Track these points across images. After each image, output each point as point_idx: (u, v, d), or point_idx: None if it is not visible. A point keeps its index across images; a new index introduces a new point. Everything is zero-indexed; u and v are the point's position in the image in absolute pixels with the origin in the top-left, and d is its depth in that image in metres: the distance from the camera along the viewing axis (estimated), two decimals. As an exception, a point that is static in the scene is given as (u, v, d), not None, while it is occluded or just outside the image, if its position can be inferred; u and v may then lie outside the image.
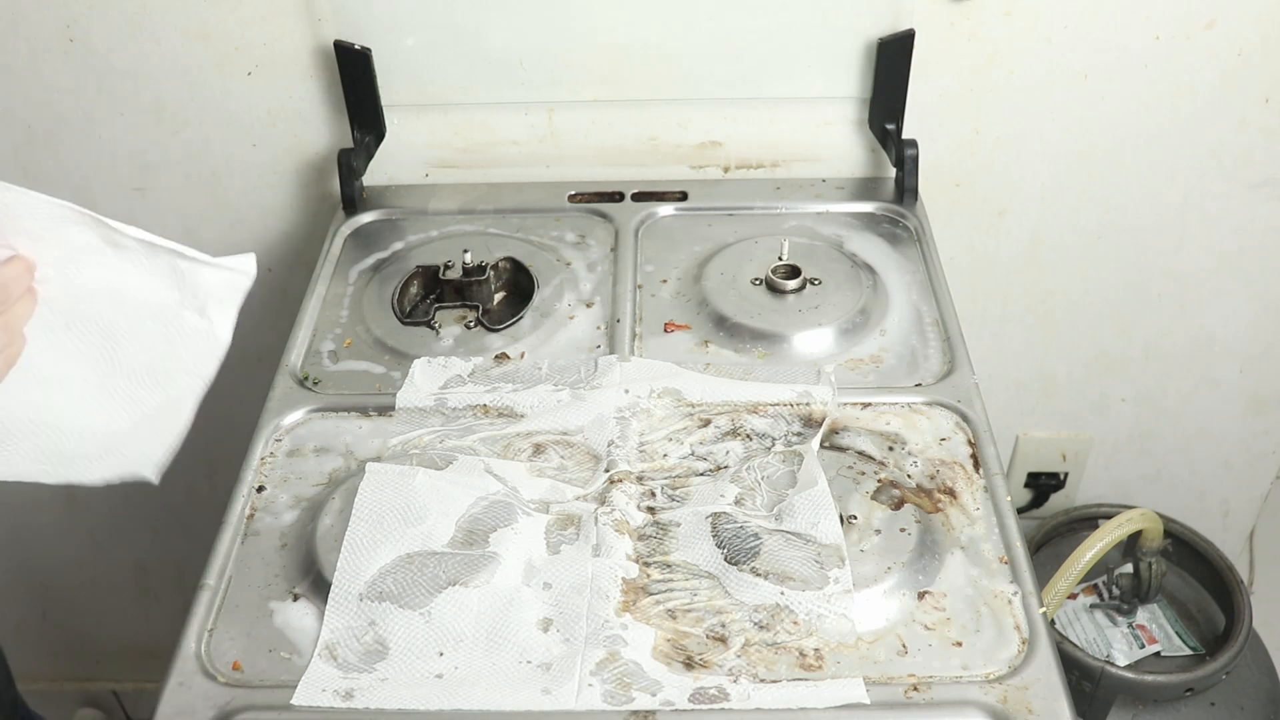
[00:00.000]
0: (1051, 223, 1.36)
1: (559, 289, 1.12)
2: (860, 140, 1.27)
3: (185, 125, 1.28)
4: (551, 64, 1.22)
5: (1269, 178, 1.32)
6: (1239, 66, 1.23)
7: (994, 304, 1.43)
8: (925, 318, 1.07)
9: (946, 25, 1.20)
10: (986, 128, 1.28)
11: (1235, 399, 1.52)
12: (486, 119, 1.27)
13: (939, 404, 0.97)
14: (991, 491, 0.88)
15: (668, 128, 1.27)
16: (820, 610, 0.78)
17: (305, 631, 0.79)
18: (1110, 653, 1.36)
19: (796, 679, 0.74)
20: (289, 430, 0.97)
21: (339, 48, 1.19)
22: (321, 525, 0.85)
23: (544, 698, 0.74)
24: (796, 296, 1.08)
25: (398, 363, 1.03)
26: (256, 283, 0.88)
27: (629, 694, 0.74)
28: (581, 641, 0.77)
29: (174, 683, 0.76)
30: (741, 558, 0.81)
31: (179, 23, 1.20)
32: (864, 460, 0.91)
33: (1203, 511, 1.63)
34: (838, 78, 1.22)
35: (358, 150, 1.23)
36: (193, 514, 1.60)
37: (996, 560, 0.83)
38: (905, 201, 1.22)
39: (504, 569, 0.81)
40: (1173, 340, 1.46)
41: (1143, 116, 1.27)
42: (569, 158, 1.29)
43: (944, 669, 0.75)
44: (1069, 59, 1.23)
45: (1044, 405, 1.53)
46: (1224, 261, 1.39)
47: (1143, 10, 1.19)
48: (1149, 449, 1.58)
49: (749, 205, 1.24)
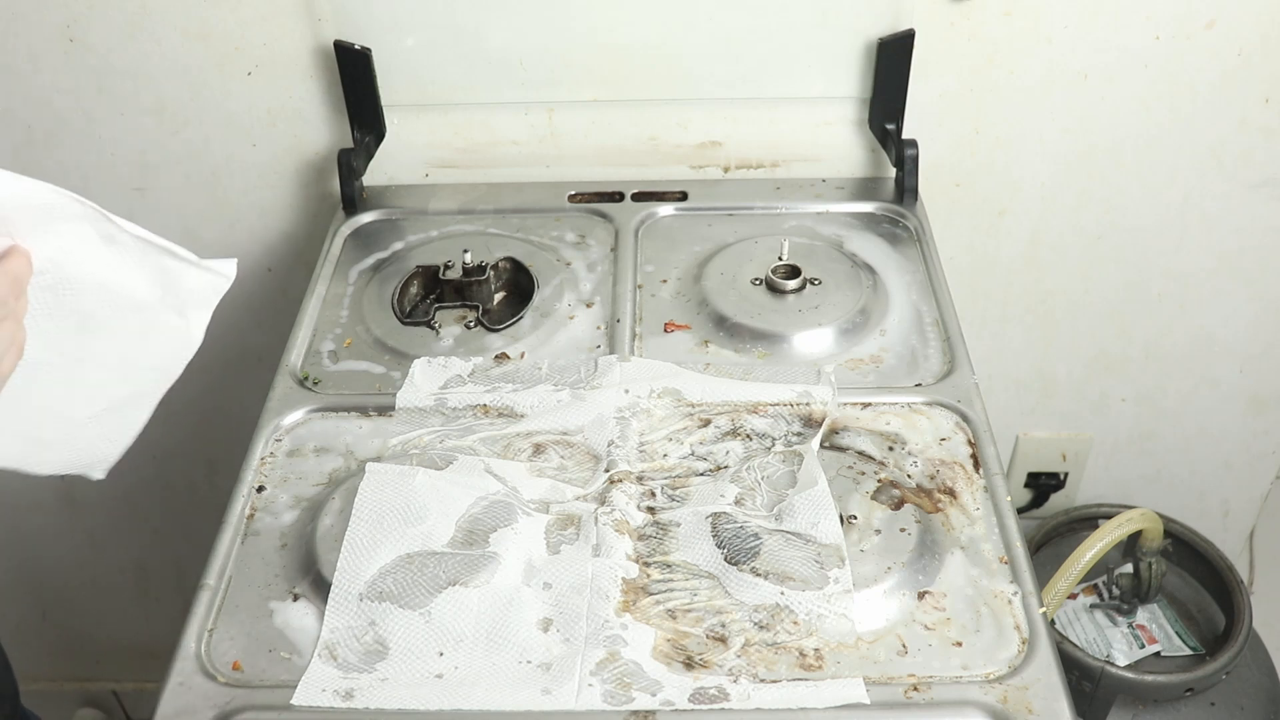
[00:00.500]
0: (1051, 223, 1.36)
1: (559, 289, 1.12)
2: (860, 140, 1.27)
3: (185, 125, 1.28)
4: (551, 64, 1.22)
5: (1269, 178, 1.32)
6: (1239, 66, 1.23)
7: (994, 304, 1.43)
8: (925, 318, 1.07)
9: (946, 25, 1.20)
10: (986, 128, 1.28)
11: (1235, 399, 1.52)
12: (486, 119, 1.27)
13: (939, 404, 0.97)
14: (991, 491, 0.88)
15: (668, 128, 1.27)
16: (820, 610, 0.78)
17: (305, 631, 0.79)
18: (1110, 653, 1.36)
19: (796, 679, 0.74)
20: (289, 430, 0.97)
21: (339, 48, 1.19)
22: (321, 525, 0.85)
23: (544, 698, 0.74)
24: (796, 296, 1.08)
25: (398, 363, 1.03)
26: (256, 283, 0.88)
27: (629, 694, 0.74)
28: (581, 641, 0.77)
29: (174, 683, 0.76)
30: (741, 558, 0.81)
31: (179, 23, 1.20)
32: (864, 460, 0.91)
33: (1203, 511, 1.63)
34: (838, 78, 1.22)
35: (358, 150, 1.23)
36: (193, 514, 1.60)
37: (996, 560, 0.83)
38: (905, 201, 1.22)
39: (504, 569, 0.81)
40: (1173, 340, 1.46)
41: (1143, 116, 1.27)
42: (569, 158, 1.29)
43: (944, 669, 0.75)
44: (1069, 59, 1.23)
45: (1044, 405, 1.53)
46: (1224, 261, 1.39)
47: (1143, 10, 1.19)
48: (1149, 449, 1.58)
49: (749, 205, 1.24)
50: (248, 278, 1.36)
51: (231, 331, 1.36)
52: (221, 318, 0.81)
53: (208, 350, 0.81)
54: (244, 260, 1.35)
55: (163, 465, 1.55)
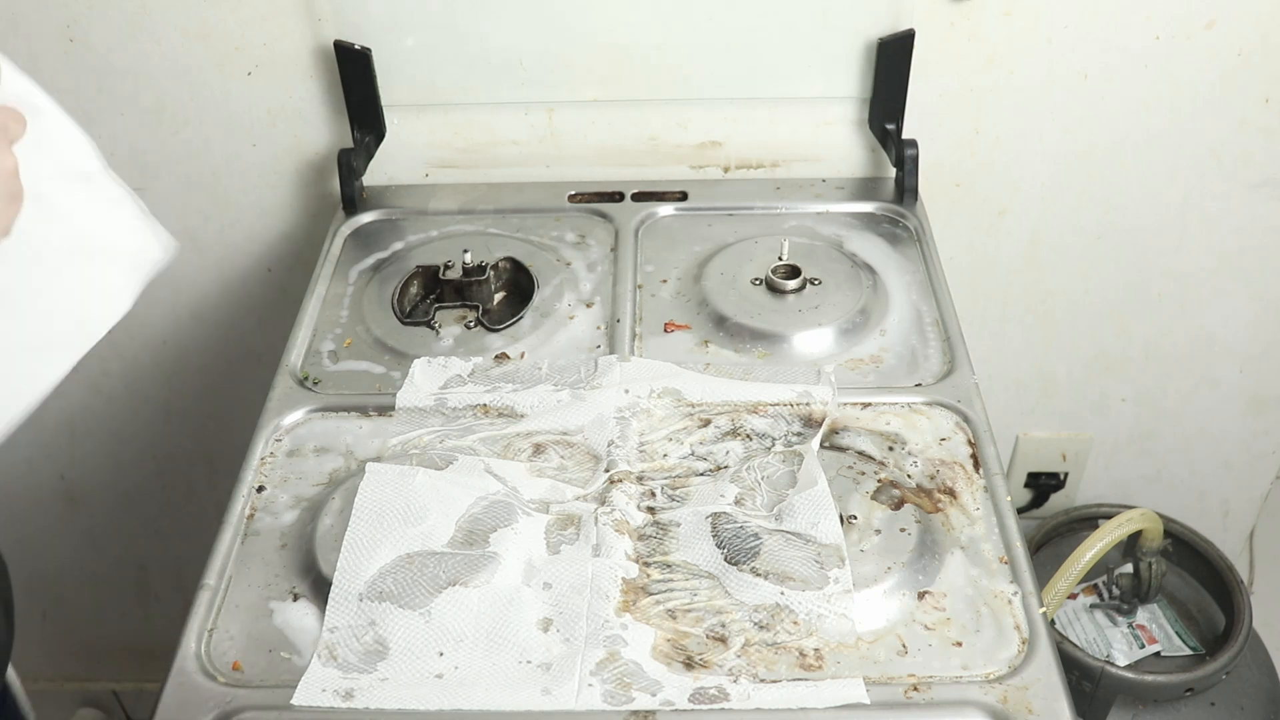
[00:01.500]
0: (1051, 223, 1.36)
1: (559, 289, 1.12)
2: (860, 140, 1.27)
3: (185, 125, 1.27)
4: (551, 64, 1.22)
5: (1269, 178, 1.32)
6: (1239, 66, 1.23)
7: (994, 304, 1.43)
8: (925, 318, 1.07)
9: (946, 25, 1.20)
10: (986, 128, 1.28)
11: (1235, 399, 1.52)
12: (486, 119, 1.27)
13: (939, 404, 0.97)
14: (991, 491, 0.88)
15: (668, 128, 1.27)
16: (820, 610, 0.78)
17: (305, 631, 0.79)
18: (1110, 653, 1.36)
19: (796, 679, 0.74)
20: (289, 430, 0.97)
21: (339, 48, 1.19)
22: (321, 525, 0.85)
23: (544, 698, 0.74)
24: (796, 296, 1.08)
25: (398, 362, 1.03)
26: (256, 283, 0.88)
27: (629, 694, 0.74)
28: (581, 641, 0.77)
29: (174, 683, 0.76)
30: (741, 558, 0.81)
31: (179, 23, 1.20)
32: (864, 460, 0.91)
33: (1203, 511, 1.63)
34: (838, 78, 1.22)
35: (358, 150, 1.23)
36: (193, 514, 1.60)
37: (996, 560, 0.83)
38: (905, 201, 1.22)
39: (504, 569, 0.81)
40: (1173, 340, 1.46)
41: (1143, 116, 1.27)
42: (569, 158, 1.29)
43: (944, 669, 0.75)
44: (1069, 59, 1.23)
45: (1044, 405, 1.53)
46: (1224, 261, 1.39)
47: (1143, 10, 1.19)
48: (1149, 449, 1.58)
49: (749, 205, 1.24)
50: (248, 278, 1.36)
51: (231, 332, 1.36)
52: (222, 318, 0.81)
53: (208, 350, 0.81)
54: (244, 260, 1.36)
55: (163, 465, 1.55)
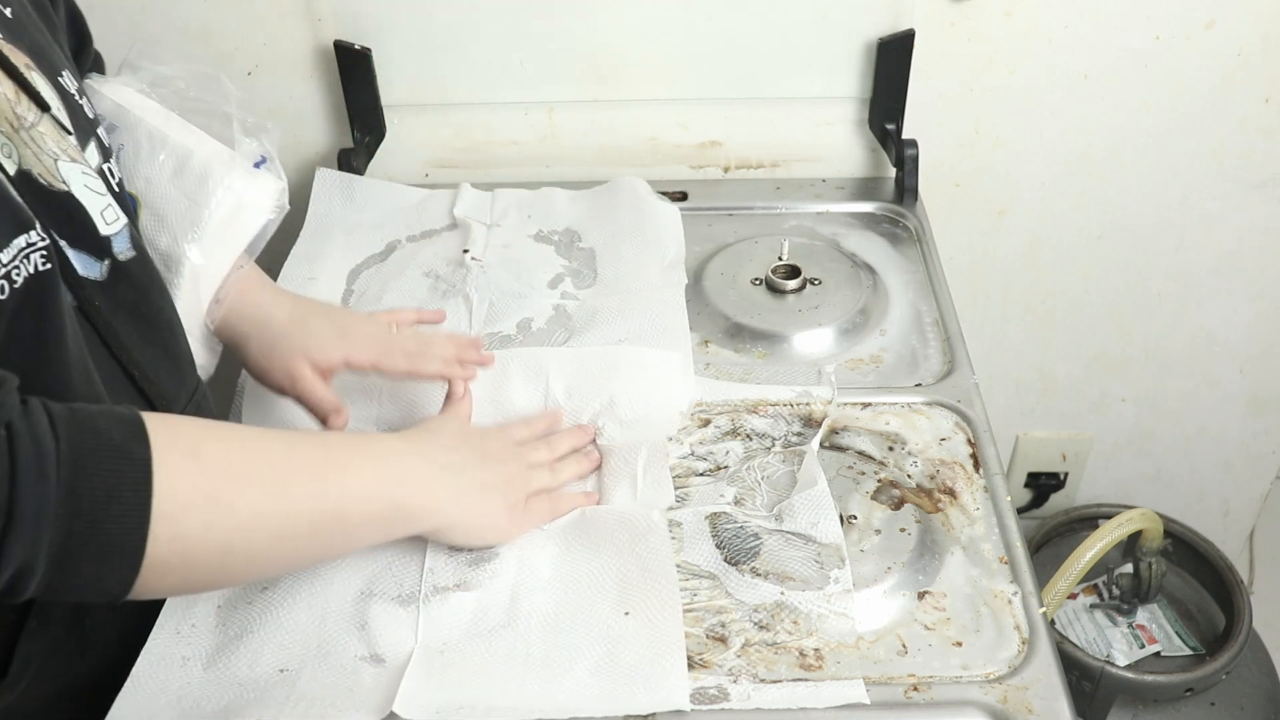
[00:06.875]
0: (1051, 223, 1.36)
1: (559, 289, 1.11)
2: (860, 140, 1.27)
3: (185, 125, 1.27)
4: (551, 64, 1.22)
5: (1269, 178, 1.32)
6: (1239, 66, 1.23)
7: (994, 304, 1.43)
8: (925, 318, 1.07)
9: (946, 25, 1.20)
10: (986, 128, 1.28)
11: (1235, 399, 1.52)
12: (486, 119, 1.27)
13: (939, 404, 0.97)
14: (991, 491, 0.88)
15: (668, 128, 1.27)
16: (820, 610, 0.78)
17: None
18: (1110, 653, 1.36)
19: (796, 679, 0.74)
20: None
21: (339, 48, 1.20)
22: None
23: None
24: (796, 296, 1.08)
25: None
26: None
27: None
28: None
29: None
30: (741, 558, 0.81)
31: (179, 23, 1.20)
32: (864, 460, 0.91)
33: (1203, 511, 1.64)
34: (838, 78, 1.22)
35: (358, 150, 1.23)
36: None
37: (996, 560, 0.83)
38: (905, 201, 1.22)
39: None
40: (1173, 340, 1.46)
41: (1143, 116, 1.27)
42: (569, 158, 1.29)
43: (944, 669, 0.75)
44: (1069, 59, 1.23)
45: (1044, 405, 1.53)
46: (1224, 261, 1.39)
47: (1143, 10, 1.19)
48: (1149, 449, 1.58)
49: (749, 205, 1.24)
50: (248, 278, 1.36)
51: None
52: (221, 318, 0.81)
53: (207, 350, 0.81)
54: (244, 260, 1.35)
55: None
